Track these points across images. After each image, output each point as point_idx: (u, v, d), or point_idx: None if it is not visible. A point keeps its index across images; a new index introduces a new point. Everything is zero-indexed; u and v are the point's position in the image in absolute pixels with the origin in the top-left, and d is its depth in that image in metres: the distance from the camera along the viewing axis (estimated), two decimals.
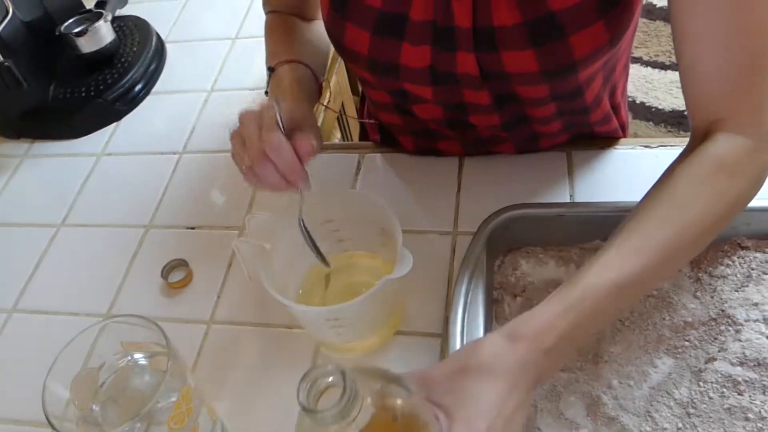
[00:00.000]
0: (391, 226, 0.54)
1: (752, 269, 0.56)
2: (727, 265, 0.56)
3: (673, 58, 2.02)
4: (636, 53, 2.02)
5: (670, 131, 1.84)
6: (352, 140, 1.11)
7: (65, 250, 0.74)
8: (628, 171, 0.67)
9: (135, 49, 0.92)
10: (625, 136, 0.75)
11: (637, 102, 1.89)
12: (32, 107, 0.85)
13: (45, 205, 0.79)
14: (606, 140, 0.70)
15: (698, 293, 0.55)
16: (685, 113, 2.09)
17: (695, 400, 0.50)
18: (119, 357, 0.49)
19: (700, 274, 0.57)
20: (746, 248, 0.57)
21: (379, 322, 0.56)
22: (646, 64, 2.00)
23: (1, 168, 0.85)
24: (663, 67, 1.99)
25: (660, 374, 0.53)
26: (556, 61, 0.54)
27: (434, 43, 0.56)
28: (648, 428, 0.50)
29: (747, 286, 0.55)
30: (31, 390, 0.47)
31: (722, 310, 0.54)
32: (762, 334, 0.52)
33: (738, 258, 0.57)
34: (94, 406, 0.48)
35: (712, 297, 0.55)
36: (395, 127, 0.72)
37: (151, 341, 0.48)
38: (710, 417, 0.49)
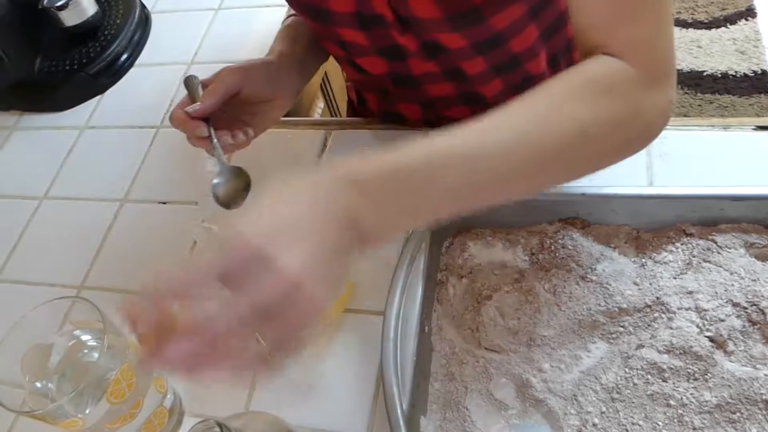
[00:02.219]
0: None
1: (693, 256, 0.56)
2: (670, 251, 0.57)
3: (695, 15, 1.95)
4: None
5: (686, 93, 1.78)
6: (338, 108, 1.11)
7: (47, 223, 0.78)
8: None
9: (119, 21, 0.93)
10: None
11: None
12: (19, 80, 0.88)
13: (30, 178, 0.82)
14: None
15: (638, 279, 0.56)
16: (704, 73, 2.02)
17: (620, 386, 0.51)
18: (69, 336, 0.52)
19: (644, 260, 0.57)
20: (690, 235, 0.57)
21: None
22: None
23: None
24: (684, 24, 1.91)
25: (592, 359, 0.54)
26: (456, 5, 0.54)
27: None
28: (573, 411, 0.51)
29: (686, 273, 0.55)
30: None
31: (658, 298, 0.54)
32: (692, 322, 0.52)
33: (681, 245, 0.56)
34: (48, 383, 0.52)
35: (650, 284, 0.55)
36: (360, 85, 0.73)
37: (97, 319, 0.51)
38: (633, 402, 0.51)
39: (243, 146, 0.63)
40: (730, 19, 1.83)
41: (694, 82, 1.77)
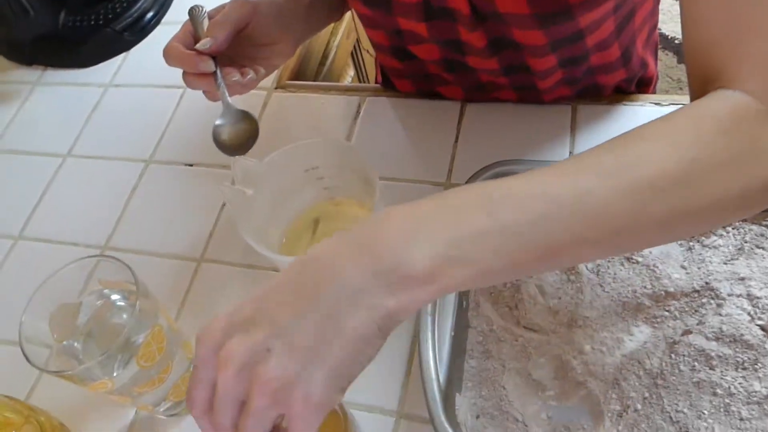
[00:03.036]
0: (372, 178, 0.53)
1: (745, 242, 0.53)
2: (721, 236, 0.54)
3: None
4: None
5: None
6: (367, 78, 1.09)
7: (70, 181, 0.76)
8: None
9: None
10: (648, 92, 0.72)
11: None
12: (42, 34, 0.86)
13: (53, 135, 0.80)
14: (615, 95, 0.67)
15: (686, 263, 0.54)
16: None
17: (665, 372, 0.50)
18: (97, 295, 0.51)
19: (692, 243, 0.55)
20: (743, 219, 0.54)
21: None
22: None
23: (13, 95, 0.86)
24: None
25: (635, 343, 0.52)
26: (549, 2, 0.51)
27: None
28: (614, 396, 0.50)
29: (737, 259, 0.53)
30: None
31: (707, 283, 0.52)
32: (744, 310, 0.50)
33: (733, 229, 0.54)
34: (75, 343, 0.51)
35: (699, 268, 0.53)
36: (395, 72, 0.70)
37: (127, 280, 0.49)
38: (677, 389, 0.49)
39: (250, 88, 0.58)
40: None
41: None
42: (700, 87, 0.41)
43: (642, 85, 0.71)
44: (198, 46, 0.54)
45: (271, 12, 0.58)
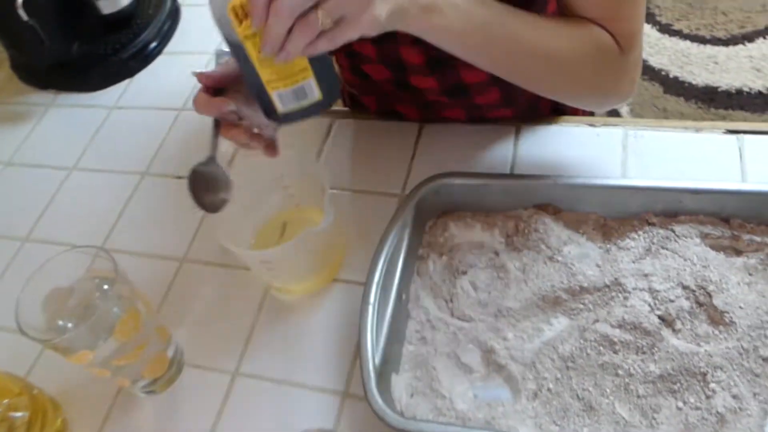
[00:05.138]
0: (324, 184, 0.61)
1: (653, 243, 0.60)
2: (633, 239, 0.61)
3: (714, 32, 1.97)
4: (676, 26, 1.97)
5: (700, 107, 1.80)
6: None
7: (74, 191, 0.85)
8: (569, 147, 0.72)
9: (150, 11, 1.01)
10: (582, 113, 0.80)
11: (671, 76, 1.86)
12: (57, 62, 0.96)
13: (62, 150, 0.90)
14: (553, 117, 0.75)
15: (600, 262, 0.61)
16: (718, 89, 2.03)
17: (575, 355, 0.56)
18: (87, 282, 0.59)
19: (609, 246, 0.62)
20: (652, 224, 0.61)
21: (311, 269, 0.65)
22: (686, 37, 1.95)
23: (29, 115, 0.96)
24: (702, 41, 1.93)
25: (553, 332, 0.59)
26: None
27: None
28: (531, 376, 0.56)
29: (644, 258, 0.60)
30: None
31: (616, 279, 0.59)
32: (645, 301, 0.57)
33: (643, 233, 0.61)
34: (67, 323, 0.58)
35: (611, 266, 0.60)
36: (360, 88, 0.79)
37: (112, 269, 0.57)
38: (585, 371, 0.55)
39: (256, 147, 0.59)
40: (748, 37, 1.85)
41: (708, 97, 1.79)
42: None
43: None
44: (193, 71, 0.57)
45: None
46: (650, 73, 1.87)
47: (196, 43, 1.00)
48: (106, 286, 0.60)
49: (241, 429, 0.61)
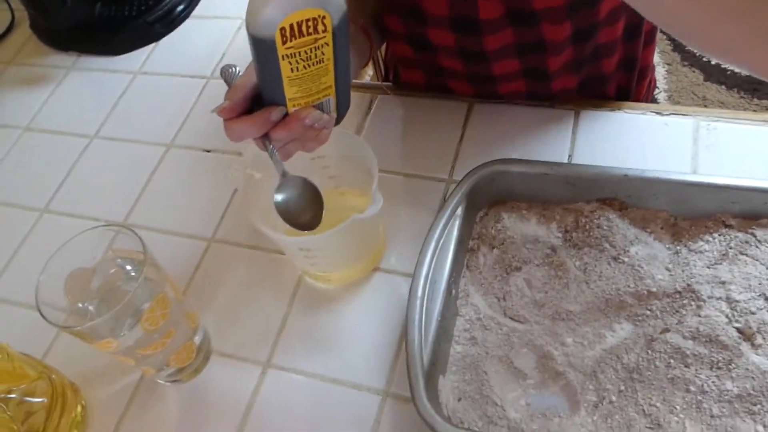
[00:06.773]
0: (372, 168, 0.56)
1: (730, 248, 0.55)
2: (707, 241, 0.56)
3: None
4: None
5: (742, 97, 1.73)
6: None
7: (95, 161, 0.80)
8: (632, 136, 0.66)
9: None
10: (644, 84, 0.74)
11: (713, 63, 1.78)
12: (78, 23, 0.91)
13: (82, 117, 0.85)
14: (617, 102, 0.69)
15: (670, 265, 0.56)
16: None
17: (641, 367, 0.51)
18: (111, 263, 0.54)
19: (679, 247, 0.57)
20: (729, 226, 0.56)
21: (352, 257, 0.60)
22: None
23: (49, 78, 0.91)
24: None
25: (616, 338, 0.54)
26: None
27: None
28: (591, 387, 0.52)
29: (721, 263, 0.54)
30: None
31: (689, 285, 0.54)
32: (722, 312, 0.52)
33: (719, 235, 0.56)
34: (89, 306, 0.54)
35: (683, 270, 0.55)
36: (407, 62, 0.73)
37: (139, 251, 0.53)
38: (652, 384, 0.51)
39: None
40: None
41: (752, 87, 1.72)
42: None
43: (641, 78, 0.73)
44: (214, 110, 0.49)
45: None
46: (690, 59, 1.79)
47: (225, 8, 0.94)
48: (129, 267, 0.56)
49: (271, 425, 0.57)
